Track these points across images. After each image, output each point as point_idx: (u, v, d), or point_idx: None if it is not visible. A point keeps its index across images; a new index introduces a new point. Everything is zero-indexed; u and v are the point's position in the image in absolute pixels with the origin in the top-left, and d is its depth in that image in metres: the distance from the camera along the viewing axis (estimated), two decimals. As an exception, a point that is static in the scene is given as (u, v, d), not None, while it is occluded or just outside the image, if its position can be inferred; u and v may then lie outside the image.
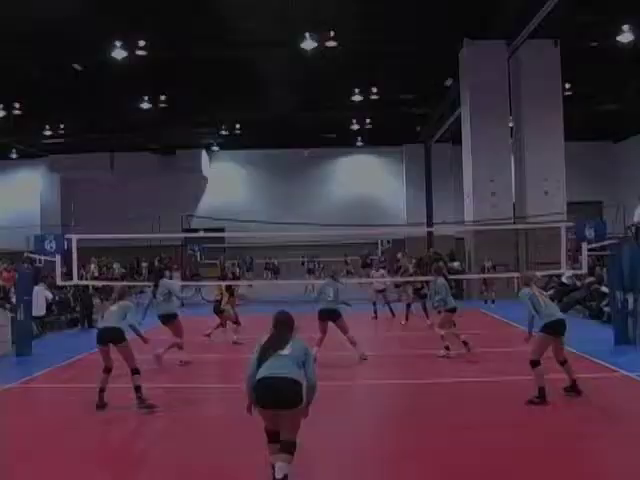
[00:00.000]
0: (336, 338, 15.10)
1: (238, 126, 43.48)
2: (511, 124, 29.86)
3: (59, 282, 18.74)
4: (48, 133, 41.95)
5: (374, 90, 34.94)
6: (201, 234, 37.52)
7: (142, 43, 26.68)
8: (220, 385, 13.63)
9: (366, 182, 50.35)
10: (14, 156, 49.53)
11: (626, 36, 26.40)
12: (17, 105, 35.05)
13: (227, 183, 50.76)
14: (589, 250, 17.77)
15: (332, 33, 26.48)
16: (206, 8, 23.63)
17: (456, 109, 33.79)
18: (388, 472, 7.85)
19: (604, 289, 19.96)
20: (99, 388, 10.71)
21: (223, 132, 44.79)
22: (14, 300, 18.21)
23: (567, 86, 31.31)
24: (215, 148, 50.65)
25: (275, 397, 6.82)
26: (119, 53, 26.94)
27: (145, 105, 35.54)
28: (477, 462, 7.96)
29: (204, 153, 49.73)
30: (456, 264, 31.97)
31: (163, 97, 35.03)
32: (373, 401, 11.71)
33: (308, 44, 26.76)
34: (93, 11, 23.29)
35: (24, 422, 10.24)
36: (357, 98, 35.73)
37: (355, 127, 43.89)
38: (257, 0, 23.68)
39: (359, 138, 48.45)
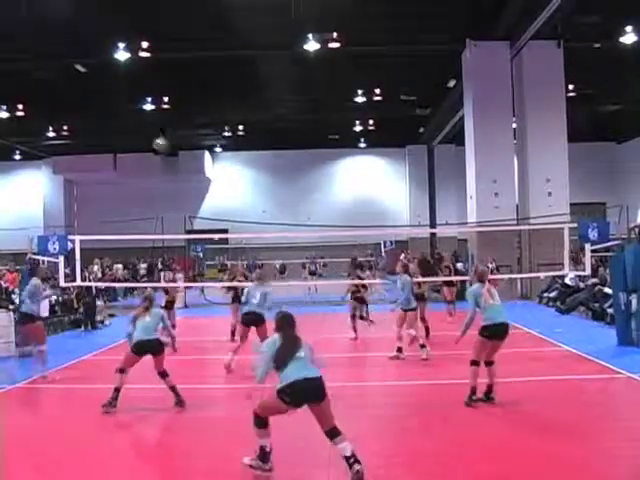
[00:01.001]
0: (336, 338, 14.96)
1: (241, 127, 43.49)
2: (514, 125, 29.81)
3: (62, 283, 18.76)
4: (51, 134, 42.00)
5: (377, 91, 34.91)
6: (205, 235, 37.52)
7: (145, 44, 26.65)
8: (222, 385, 13.63)
9: (369, 183, 50.45)
10: (17, 157, 49.65)
11: (629, 37, 26.35)
12: (20, 106, 35.08)
13: (230, 184, 50.80)
14: (592, 251, 17.77)
15: (335, 34, 26.46)
16: (209, 10, 23.64)
17: (459, 110, 33.78)
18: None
19: (607, 290, 19.91)
20: (116, 387, 10.68)
21: (226, 133, 44.80)
22: (17, 301, 18.22)
23: (570, 87, 31.25)
24: (218, 149, 50.69)
25: (312, 396, 7.56)
26: (122, 54, 26.90)
27: (148, 106, 35.56)
28: (480, 464, 7.98)
29: (207, 154, 49.79)
30: (459, 265, 31.98)
31: (166, 98, 35.04)
32: (372, 402, 11.69)
33: (311, 45, 26.70)
34: (96, 12, 23.33)
35: (28, 422, 10.25)
36: (360, 99, 35.70)
37: (358, 128, 43.89)
38: (260, 1, 23.67)
39: (362, 139, 48.49)
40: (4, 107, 35.00)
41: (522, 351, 14.41)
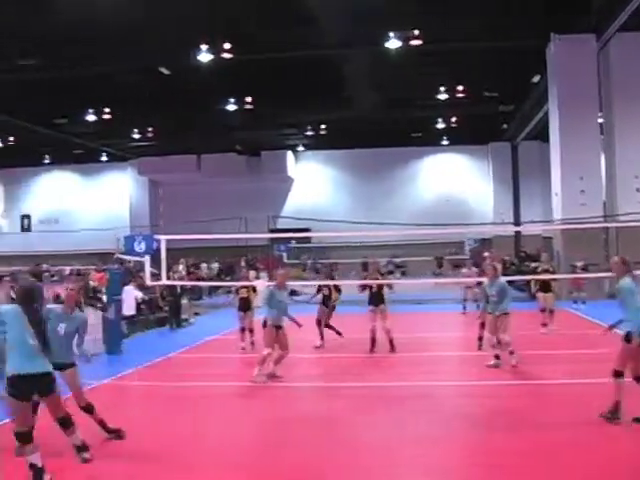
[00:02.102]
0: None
1: (323, 126, 43.62)
2: (601, 120, 29.16)
3: (148, 282, 19.07)
4: (137, 136, 42.90)
5: (459, 88, 34.61)
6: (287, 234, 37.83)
7: (227, 46, 26.97)
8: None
9: (452, 181, 49.87)
10: (104, 159, 50.95)
11: None
12: (107, 110, 35.96)
13: (313, 183, 50.96)
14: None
15: (417, 32, 26.32)
16: (289, 10, 23.72)
17: (543, 106, 33.18)
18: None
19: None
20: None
21: (308, 133, 45.00)
22: (105, 300, 18.61)
23: (660, 80, 30.45)
24: (300, 148, 50.88)
25: (39, 391, 7.43)
26: (205, 56, 27.32)
27: (231, 107, 36.00)
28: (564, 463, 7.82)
29: (290, 154, 49.96)
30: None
31: (249, 99, 35.39)
32: (450, 402, 11.53)
33: (392, 43, 26.67)
34: (179, 15, 23.67)
35: (113, 418, 10.42)
36: (442, 96, 35.46)
37: (440, 126, 43.56)
38: (341, 0, 23.67)
39: (444, 137, 48.07)
40: (91, 110, 35.94)
41: (604, 352, 14.02)
